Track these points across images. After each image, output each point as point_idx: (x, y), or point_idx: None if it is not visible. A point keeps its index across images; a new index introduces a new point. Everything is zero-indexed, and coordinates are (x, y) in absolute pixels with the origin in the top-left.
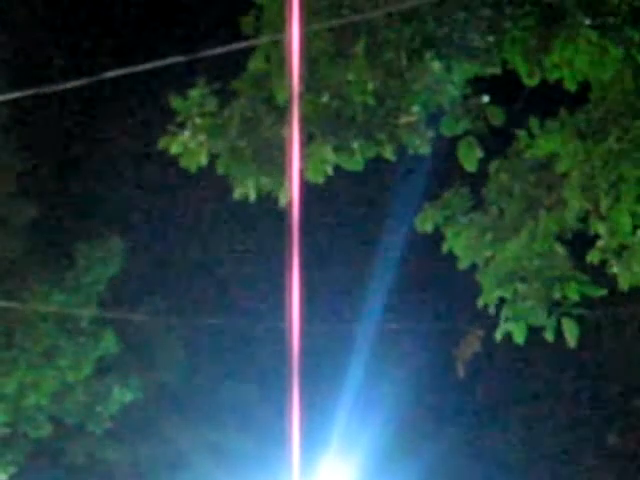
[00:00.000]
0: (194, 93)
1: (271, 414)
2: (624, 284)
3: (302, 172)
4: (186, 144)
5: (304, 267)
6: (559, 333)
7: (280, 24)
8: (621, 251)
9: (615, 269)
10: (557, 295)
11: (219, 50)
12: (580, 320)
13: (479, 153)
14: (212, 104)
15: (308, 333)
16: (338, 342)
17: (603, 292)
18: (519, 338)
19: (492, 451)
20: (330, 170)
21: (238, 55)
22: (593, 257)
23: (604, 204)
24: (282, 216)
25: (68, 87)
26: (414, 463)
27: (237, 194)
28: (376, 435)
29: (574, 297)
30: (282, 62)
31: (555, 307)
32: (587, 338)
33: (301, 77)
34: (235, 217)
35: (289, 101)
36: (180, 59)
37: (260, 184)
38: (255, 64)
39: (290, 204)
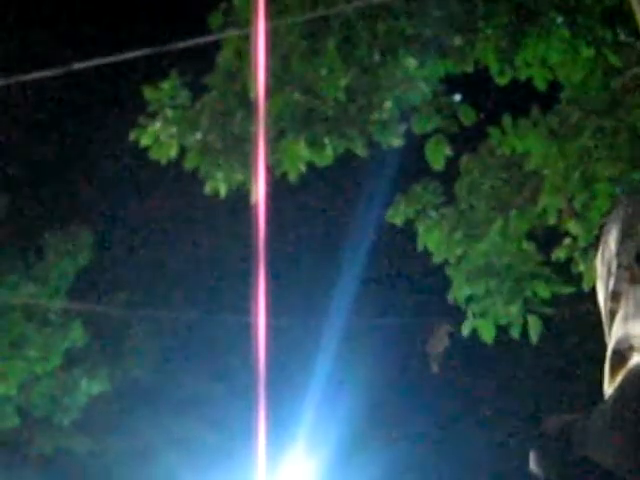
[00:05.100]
0: (166, 84)
1: (238, 409)
2: (588, 283)
3: (272, 168)
4: (157, 136)
5: (272, 262)
6: (525, 331)
7: (251, 18)
8: (588, 249)
9: (581, 267)
10: (527, 292)
11: (189, 43)
12: (546, 319)
13: (447, 151)
14: (184, 96)
15: (276, 328)
16: (306, 337)
17: (571, 289)
18: (487, 336)
19: (462, 448)
20: (303, 167)
21: (211, 48)
22: (559, 254)
23: (578, 202)
24: (252, 211)
25: (37, 78)
26: (381, 459)
27: (208, 188)
28: (343, 430)
29: (543, 294)
30: (253, 57)
31: (523, 304)
32: (553, 336)
33: (272, 73)
34: (205, 211)
35: (256, 97)
36: (147, 52)
37: (230, 179)
38: (223, 57)
39: (257, 199)
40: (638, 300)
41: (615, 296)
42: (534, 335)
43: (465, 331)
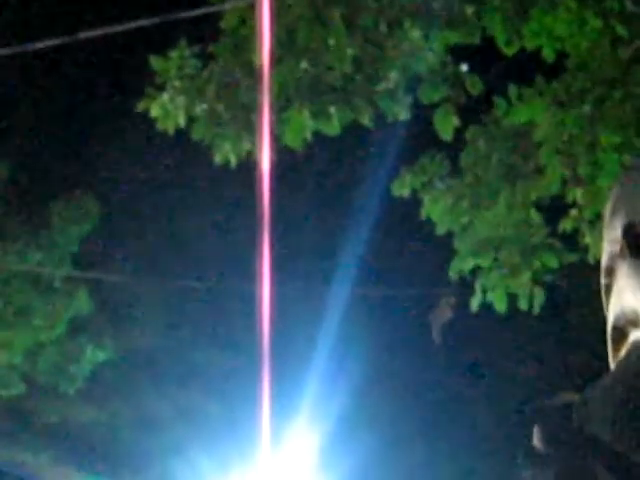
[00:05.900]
0: (174, 54)
1: (242, 380)
2: (594, 255)
3: (279, 137)
4: (165, 106)
5: (277, 231)
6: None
7: None
8: (595, 220)
9: (588, 239)
10: (535, 264)
11: (196, 12)
12: (553, 289)
13: (455, 121)
14: (192, 66)
15: (281, 299)
16: (310, 308)
17: (576, 258)
18: (500, 306)
19: (464, 422)
20: (309, 136)
21: (218, 16)
22: (566, 225)
23: (583, 170)
24: (258, 180)
25: (42, 47)
26: (386, 430)
27: (218, 159)
28: (346, 402)
29: (551, 265)
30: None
31: (531, 275)
32: (558, 307)
33: (278, 42)
34: (212, 181)
35: (261, 66)
36: (156, 20)
37: (238, 148)
38: (226, 26)
39: (263, 168)
40: (629, 274)
41: (609, 271)
42: (537, 306)
43: (474, 304)
